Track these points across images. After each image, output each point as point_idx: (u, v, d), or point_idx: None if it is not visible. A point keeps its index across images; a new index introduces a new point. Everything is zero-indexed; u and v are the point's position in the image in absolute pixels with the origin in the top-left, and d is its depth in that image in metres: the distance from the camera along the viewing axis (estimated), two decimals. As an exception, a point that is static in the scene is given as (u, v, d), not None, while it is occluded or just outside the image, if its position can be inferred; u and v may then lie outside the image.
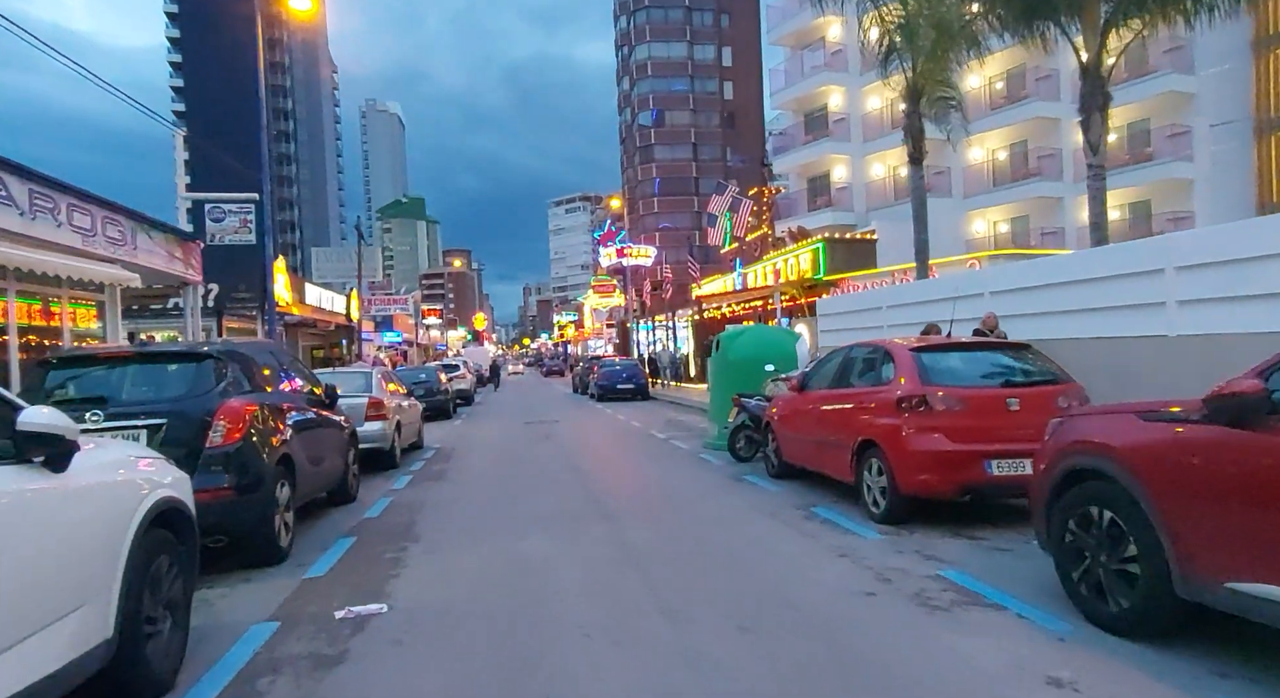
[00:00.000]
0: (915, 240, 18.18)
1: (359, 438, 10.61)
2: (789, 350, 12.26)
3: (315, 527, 7.49)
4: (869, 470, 6.67)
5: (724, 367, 12.41)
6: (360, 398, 11.21)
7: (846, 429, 7.07)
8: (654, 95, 75.02)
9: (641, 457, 12.21)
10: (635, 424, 17.81)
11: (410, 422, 13.37)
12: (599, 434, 16.37)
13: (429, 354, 53.27)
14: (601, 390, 27.25)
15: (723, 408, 12.36)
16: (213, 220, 14.82)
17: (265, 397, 6.37)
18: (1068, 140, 31.53)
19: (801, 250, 33.36)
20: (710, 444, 12.53)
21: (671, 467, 10.88)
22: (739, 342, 12.40)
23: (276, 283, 19.85)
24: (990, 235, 34.14)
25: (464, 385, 28.50)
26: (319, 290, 24.27)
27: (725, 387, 12.34)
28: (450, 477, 10.74)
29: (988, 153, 33.97)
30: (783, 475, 9.03)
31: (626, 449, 13.41)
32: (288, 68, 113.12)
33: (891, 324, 14.51)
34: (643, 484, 9.51)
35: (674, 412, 21.29)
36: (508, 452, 13.54)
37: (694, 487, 9.08)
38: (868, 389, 7.00)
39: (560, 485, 9.47)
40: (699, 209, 74.90)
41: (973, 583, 4.78)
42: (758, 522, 6.93)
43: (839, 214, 36.43)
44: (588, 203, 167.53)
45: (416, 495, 9.19)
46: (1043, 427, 5.91)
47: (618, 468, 11.06)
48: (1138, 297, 7.38)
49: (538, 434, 16.33)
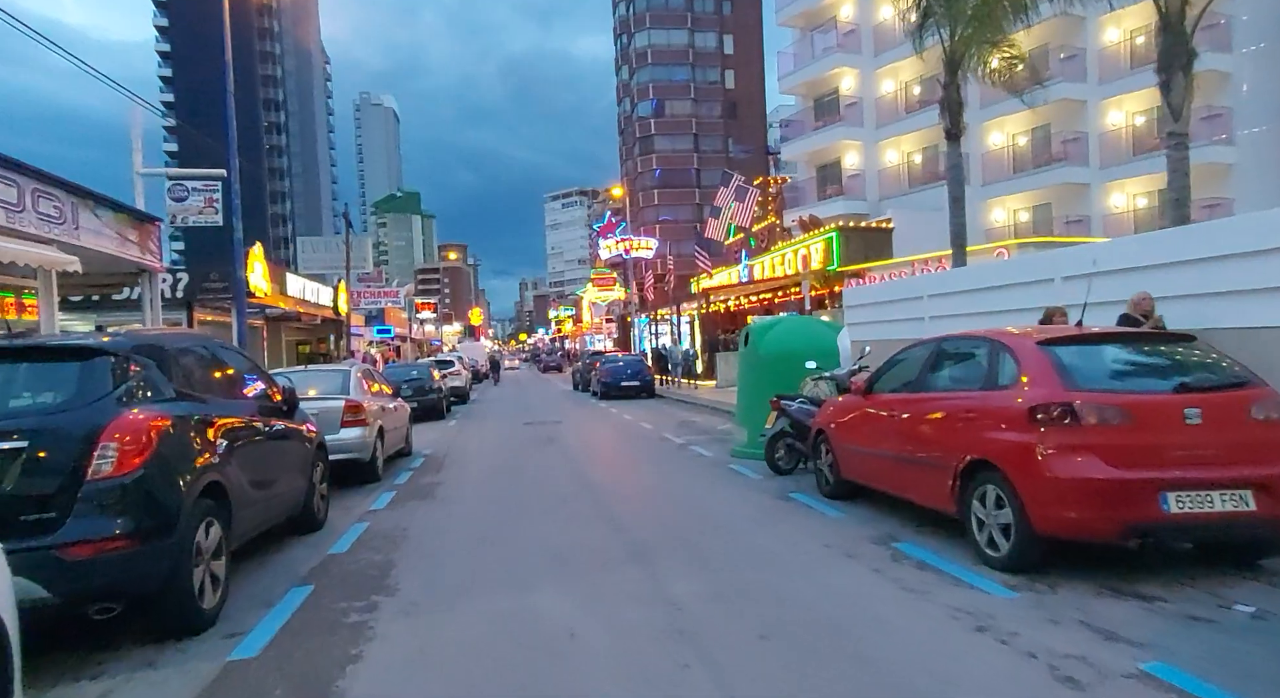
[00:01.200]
0: (951, 225, 16.64)
1: (331, 449, 9.05)
2: (830, 344, 10.71)
3: (264, 568, 5.91)
4: (982, 501, 5.10)
5: (755, 363, 10.85)
6: (335, 401, 9.63)
7: (944, 445, 5.51)
8: (654, 85, 73.28)
9: (662, 467, 10.64)
10: (645, 426, 16.25)
11: (396, 426, 11.79)
12: (607, 438, 14.81)
13: (423, 350, 51.65)
14: (605, 388, 25.67)
15: (753, 410, 10.80)
16: (174, 199, 13.19)
17: (187, 406, 4.77)
18: (1094, 123, 30.03)
19: (813, 240, 31.79)
20: (739, 452, 10.96)
21: (700, 481, 9.31)
22: (772, 334, 10.83)
23: (254, 272, 18.26)
24: (1010, 224, 32.60)
25: (459, 382, 26.91)
26: (303, 281, 22.64)
27: (756, 386, 10.78)
28: (441, 493, 9.16)
29: (1008, 137, 32.41)
30: (840, 495, 7.48)
31: (642, 457, 11.83)
32: (279, 58, 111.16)
33: (934, 315, 12.97)
34: (672, 505, 7.93)
35: (685, 412, 19.72)
36: (507, 460, 11.96)
37: (736, 509, 7.50)
38: (975, 394, 5.42)
39: (571, 507, 7.89)
40: (700, 201, 73.34)
41: (1213, 694, 3.21)
42: (834, 566, 5.37)
43: (851, 203, 34.87)
44: (585, 197, 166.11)
45: (399, 520, 7.62)
46: (1234, 445, 4.33)
47: (637, 482, 9.49)
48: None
49: (539, 437, 14.76)
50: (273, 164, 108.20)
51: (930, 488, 5.72)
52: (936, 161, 34.21)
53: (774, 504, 7.61)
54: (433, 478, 10.36)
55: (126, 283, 13.59)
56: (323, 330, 27.54)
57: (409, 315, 46.11)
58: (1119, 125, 29.94)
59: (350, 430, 9.59)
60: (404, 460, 12.21)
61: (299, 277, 22.51)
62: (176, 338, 5.50)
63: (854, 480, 7.20)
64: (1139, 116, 29.77)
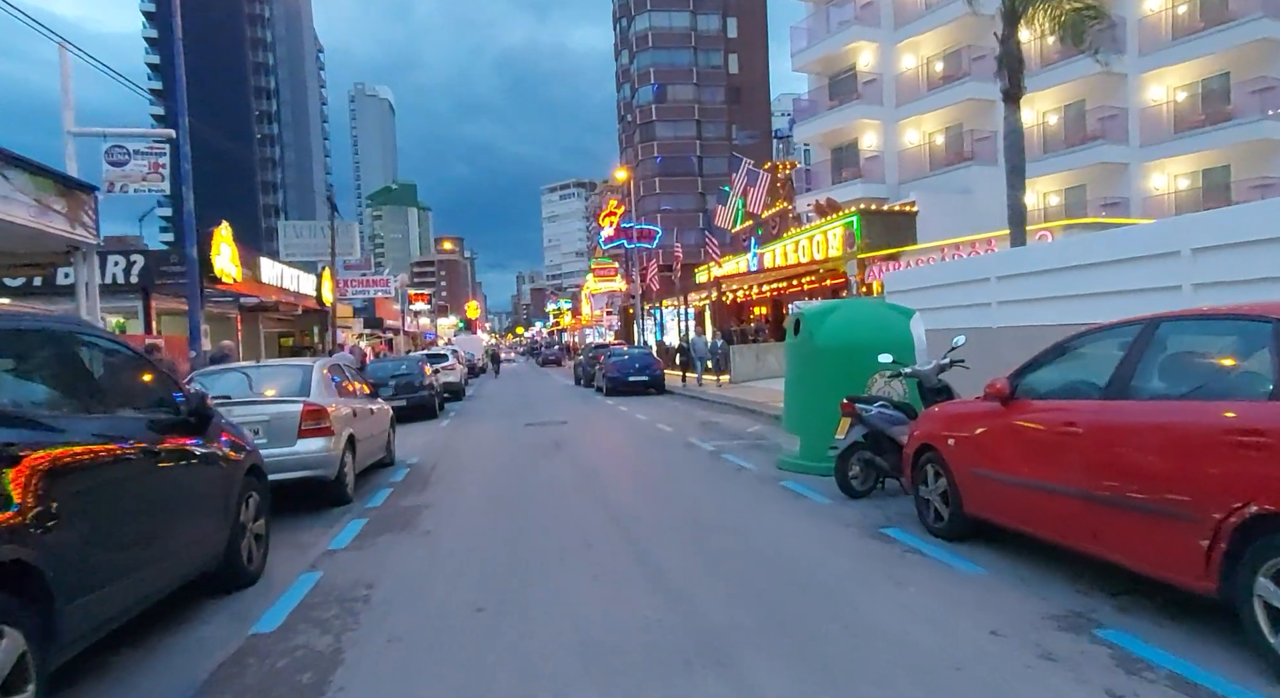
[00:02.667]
0: (1009, 201, 14.72)
1: (285, 467, 7.11)
2: (902, 334, 8.75)
3: (146, 664, 3.94)
4: (1277, 581, 3.15)
5: (809, 357, 8.88)
6: (290, 405, 7.65)
7: (1191, 485, 3.54)
8: (655, 69, 70.99)
9: (699, 485, 8.66)
10: (664, 428, 14.29)
11: (374, 433, 9.81)
12: (623, 444, 12.84)
13: (417, 343, 49.63)
14: (611, 384, 23.69)
15: (808, 414, 8.85)
16: (111, 164, 11.16)
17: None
18: (1134, 99, 28.04)
19: (832, 225, 29.81)
20: (790, 464, 9.01)
21: (756, 507, 7.33)
22: (831, 322, 8.86)
23: (220, 255, 16.26)
24: (1039, 208, 30.62)
25: (453, 378, 24.92)
26: (281, 268, 20.62)
27: (811, 385, 8.83)
28: (424, 523, 7.18)
29: (1037, 115, 30.39)
30: (959, 536, 5.52)
31: (670, 470, 9.85)
32: (270, 45, 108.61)
33: (1005, 300, 11.04)
34: (734, 550, 5.93)
35: (703, 411, 17.76)
36: (507, 473, 9.99)
37: (824, 556, 5.52)
38: (1252, 407, 3.44)
39: (599, 552, 5.92)
40: (703, 190, 71.27)
41: None
42: (1027, 670, 3.41)
43: (869, 186, 32.86)
44: (582, 189, 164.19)
45: (364, 568, 5.64)
46: None
47: (675, 509, 7.50)
48: None
49: (544, 442, 12.80)
50: (265, 154, 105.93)
51: (1158, 549, 3.75)
52: (961, 142, 32.24)
53: (871, 548, 5.64)
54: (416, 499, 8.38)
55: (59, 263, 11.58)
56: (306, 322, 25.52)
57: (402, 307, 44.02)
58: (1160, 101, 27.96)
59: (310, 442, 7.61)
60: (384, 473, 10.24)
61: (278, 263, 20.49)
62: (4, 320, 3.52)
63: (985, 518, 5.24)
64: (1181, 92, 27.79)
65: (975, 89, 30.28)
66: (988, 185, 29.92)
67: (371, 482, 9.59)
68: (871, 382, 8.40)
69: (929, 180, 30.95)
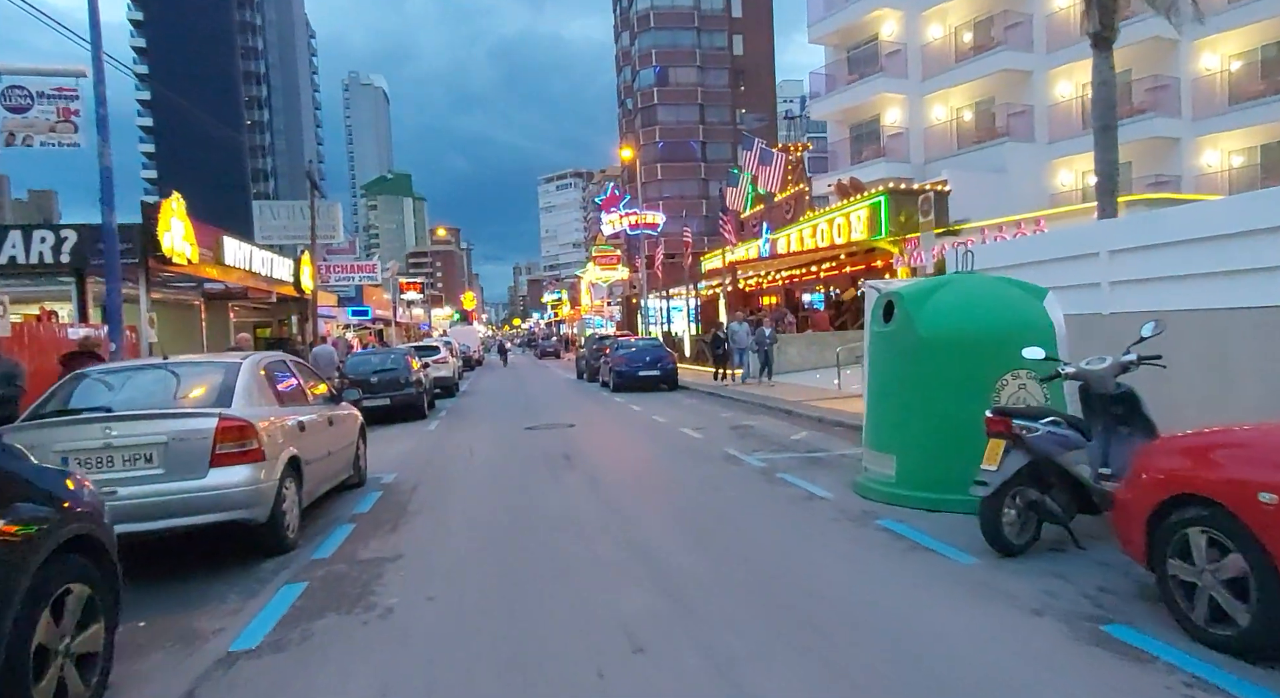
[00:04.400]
0: (1098, 164, 12.44)
1: (190, 508, 4.97)
2: (1035, 319, 6.54)
3: None
4: None
5: (909, 351, 6.66)
6: (198, 419, 5.42)
7: None
8: (656, 51, 68.37)
9: (770, 528, 6.40)
10: (691, 434, 12.07)
11: (334, 451, 7.57)
12: (647, 457, 10.60)
13: (411, 335, 47.29)
14: (620, 378, 21.45)
15: (906, 426, 6.64)
16: (9, 109, 8.88)
17: None
18: (1186, 68, 25.76)
19: (855, 207, 27.49)
20: (880, 492, 6.79)
21: (871, 570, 5.07)
22: (937, 304, 6.62)
23: (171, 231, 13.97)
24: (1078, 188, 28.36)
25: (445, 372, 22.68)
26: (250, 249, 18.32)
27: (913, 387, 6.62)
28: (388, 591, 4.96)
29: (1077, 88, 28.08)
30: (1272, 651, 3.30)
31: (721, 500, 7.60)
32: (260, 29, 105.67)
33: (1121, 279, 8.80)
34: (882, 670, 3.72)
35: (727, 410, 15.54)
36: (506, 501, 7.76)
37: (1035, 687, 3.31)
38: None
39: (658, 666, 3.70)
40: (706, 176, 68.93)
41: None
42: None
43: (893, 166, 30.62)
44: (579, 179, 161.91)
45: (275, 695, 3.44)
46: None
47: (755, 577, 5.22)
48: None
49: (550, 453, 10.57)
50: (255, 141, 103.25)
51: None
52: (991, 117, 29.97)
53: (1113, 669, 3.41)
54: (382, 544, 6.15)
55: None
56: (283, 311, 23.23)
57: (393, 297, 41.66)
58: (1213, 70, 25.71)
59: (229, 472, 5.38)
60: (348, 498, 8.01)
61: (247, 244, 18.19)
62: None
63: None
64: (1236, 61, 25.53)
65: (1010, 59, 28.03)
66: (1024, 163, 27.72)
67: (329, 512, 7.36)
68: (1000, 385, 6.19)
69: (959, 159, 28.67)
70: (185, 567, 5.64)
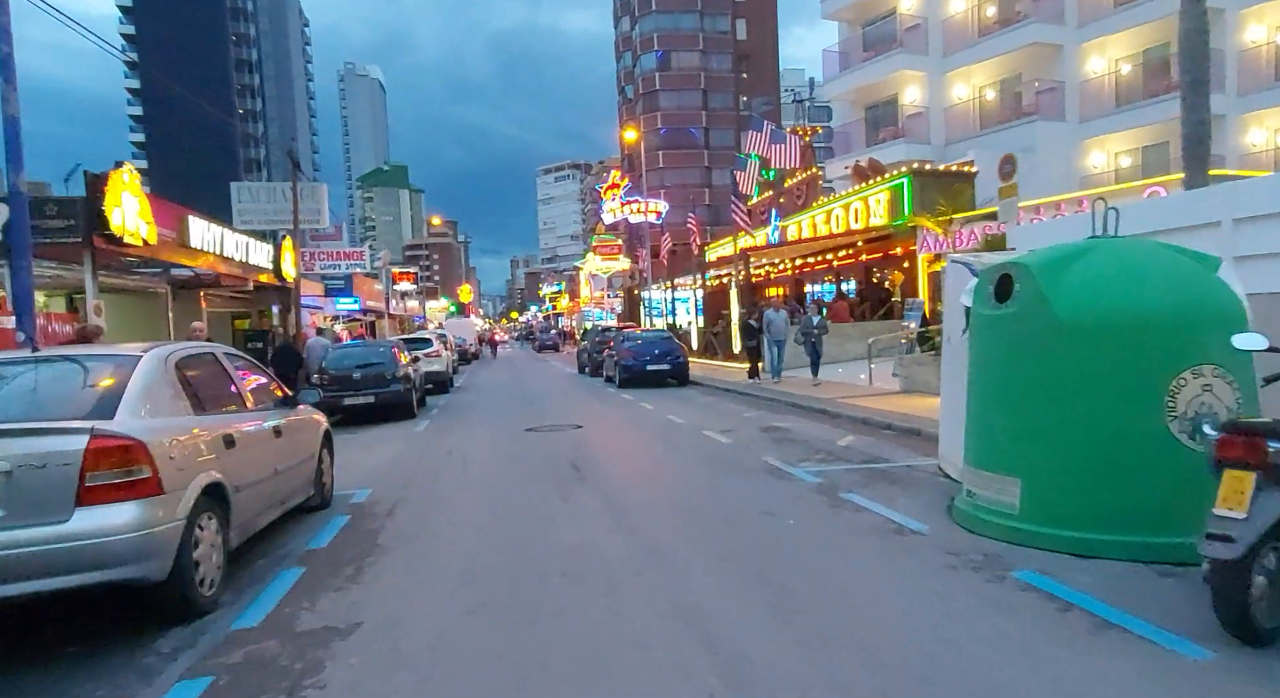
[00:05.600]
0: (1188, 125, 10.77)
1: (42, 568, 3.18)
2: (1213, 295, 4.90)
3: None
4: None
5: (1039, 338, 5.00)
6: (63, 437, 3.76)
7: None
8: (658, 34, 66.44)
9: (866, 582, 4.74)
10: (717, 438, 10.43)
11: (282, 469, 5.90)
12: (673, 468, 8.95)
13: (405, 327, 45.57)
14: (627, 373, 19.78)
15: (1036, 441, 4.99)
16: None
17: None
18: (1230, 40, 24.06)
19: (874, 190, 25.89)
20: (999, 527, 5.15)
21: (1047, 674, 3.47)
22: (1080, 276, 4.96)
23: (122, 206, 12.30)
24: (1110, 170, 26.70)
25: (438, 367, 21.02)
26: (221, 231, 16.57)
27: (1045, 387, 4.97)
28: (336, 684, 3.31)
29: (1109, 64, 26.39)
30: None
31: (779, 531, 5.94)
32: (251, 15, 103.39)
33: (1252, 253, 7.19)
34: None
35: (750, 408, 13.92)
36: (506, 529, 6.10)
37: None
38: None
39: None
40: (709, 164, 67.13)
41: None
42: None
43: (912, 147, 28.89)
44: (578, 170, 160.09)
45: None
46: None
47: (868, 671, 3.64)
48: None
49: (557, 464, 8.93)
50: (247, 129, 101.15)
51: None
52: (1016, 96, 28.24)
53: None
54: (335, 604, 4.49)
55: None
56: (263, 301, 21.52)
57: (385, 288, 39.90)
58: (1259, 42, 24.04)
59: (105, 512, 3.74)
60: (302, 527, 6.36)
61: (219, 226, 16.48)
62: None
63: None
64: (1281, 33, 23.88)
65: (1039, 32, 26.28)
66: (1054, 143, 26.01)
67: (274, 547, 5.72)
68: (1176, 386, 4.55)
69: (985, 139, 26.97)
70: (31, 644, 3.99)
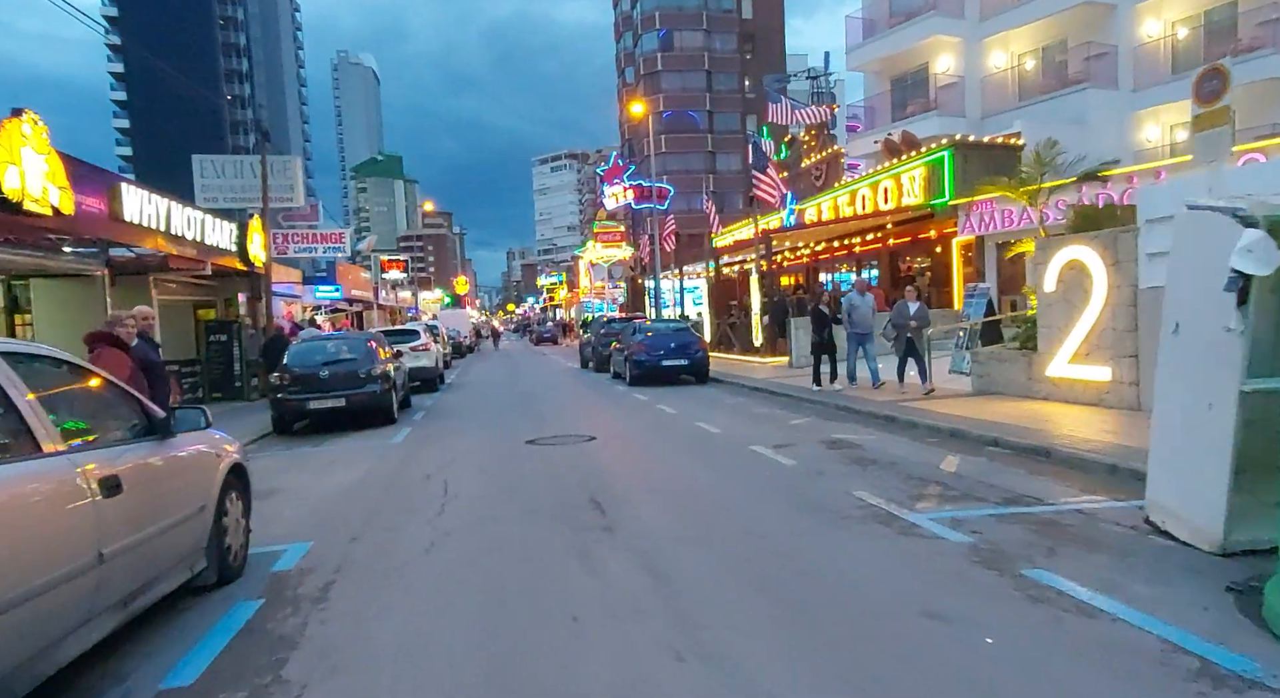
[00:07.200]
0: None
1: None
2: None
3: None
4: None
5: None
6: None
7: None
8: (660, 13, 63.73)
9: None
10: (773, 457, 8.06)
11: (132, 544, 3.51)
12: (730, 509, 6.54)
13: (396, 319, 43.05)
14: (640, 370, 17.41)
15: None
16: None
17: None
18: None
19: (908, 167, 23.45)
20: None
21: None
22: None
23: (22, 164, 9.86)
24: (1165, 144, 24.28)
25: (426, 362, 18.64)
26: (168, 203, 14.15)
27: None
28: None
29: (1166, 26, 23.94)
30: None
31: (966, 656, 3.60)
32: None
33: None
34: None
35: (796, 414, 11.53)
36: (496, 639, 3.71)
37: None
38: None
39: None
40: (713, 148, 64.57)
41: None
42: None
43: (946, 120, 26.47)
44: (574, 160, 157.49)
45: None
46: None
47: None
48: None
49: (568, 493, 6.56)
50: (235, 116, 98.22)
51: None
52: (1060, 64, 25.78)
53: None
54: None
55: None
56: (229, 288, 19.08)
57: (374, 276, 37.42)
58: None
59: None
60: (173, 629, 3.97)
61: (164, 198, 14.05)
62: None
63: None
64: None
65: (1088, -8, 23.88)
66: (1104, 113, 23.64)
67: (117, 668, 3.32)
68: None
69: (1030, 109, 24.54)
70: None
